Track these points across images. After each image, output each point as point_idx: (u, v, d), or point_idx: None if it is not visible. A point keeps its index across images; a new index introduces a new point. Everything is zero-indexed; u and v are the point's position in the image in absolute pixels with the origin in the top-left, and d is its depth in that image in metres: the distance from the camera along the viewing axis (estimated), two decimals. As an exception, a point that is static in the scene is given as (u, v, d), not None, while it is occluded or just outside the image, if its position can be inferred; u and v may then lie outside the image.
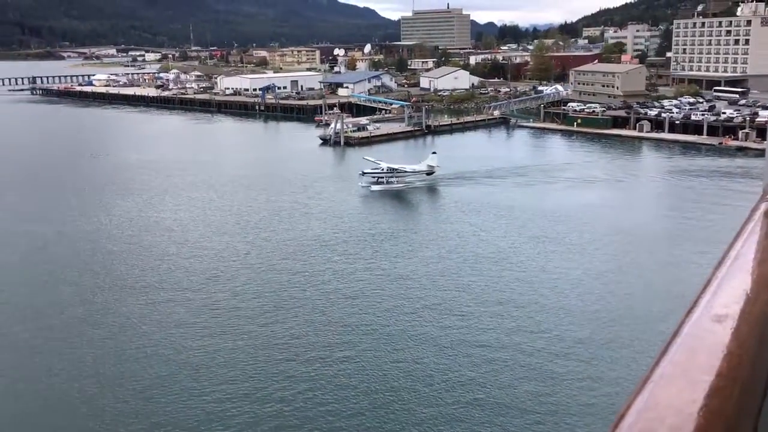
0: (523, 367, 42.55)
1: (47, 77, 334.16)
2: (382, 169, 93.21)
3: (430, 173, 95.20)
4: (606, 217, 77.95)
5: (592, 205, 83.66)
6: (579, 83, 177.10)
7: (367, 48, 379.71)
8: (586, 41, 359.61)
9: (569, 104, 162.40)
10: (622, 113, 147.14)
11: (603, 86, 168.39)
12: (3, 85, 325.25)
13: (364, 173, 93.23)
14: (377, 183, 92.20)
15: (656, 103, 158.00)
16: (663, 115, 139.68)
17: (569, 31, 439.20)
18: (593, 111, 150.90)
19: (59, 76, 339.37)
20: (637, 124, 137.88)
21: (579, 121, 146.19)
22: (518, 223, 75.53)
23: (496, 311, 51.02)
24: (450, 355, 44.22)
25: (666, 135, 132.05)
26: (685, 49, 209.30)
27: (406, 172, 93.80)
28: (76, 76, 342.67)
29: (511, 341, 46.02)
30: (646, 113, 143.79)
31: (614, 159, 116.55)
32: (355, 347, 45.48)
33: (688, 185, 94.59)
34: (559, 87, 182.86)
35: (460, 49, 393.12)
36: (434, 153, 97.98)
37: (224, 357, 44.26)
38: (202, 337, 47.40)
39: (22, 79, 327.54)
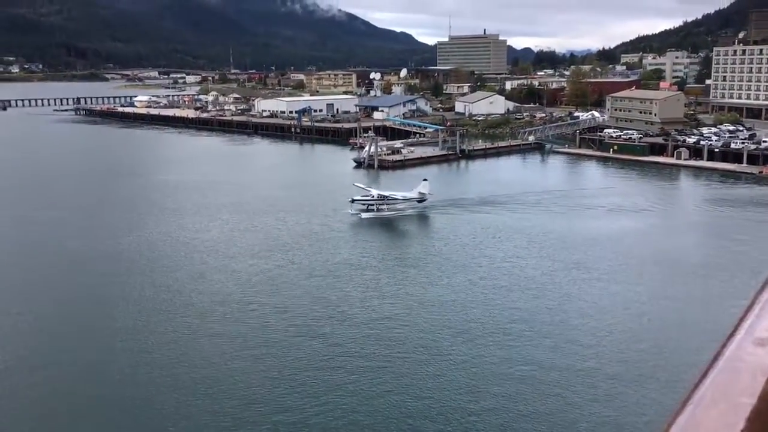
0: (551, 397, 41.86)
1: (91, 98, 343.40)
2: (373, 196, 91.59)
3: (421, 200, 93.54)
4: (641, 245, 76.74)
5: (627, 232, 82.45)
6: (616, 109, 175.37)
7: (403, 72, 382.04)
8: (624, 67, 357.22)
9: (605, 130, 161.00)
10: (659, 140, 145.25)
11: (640, 113, 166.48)
12: (49, 105, 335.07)
13: (354, 200, 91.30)
14: (367, 210, 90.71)
15: (695, 131, 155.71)
16: (702, 142, 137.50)
17: (607, 57, 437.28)
18: (630, 138, 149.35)
19: (102, 97, 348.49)
20: (675, 152, 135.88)
21: (615, 147, 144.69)
22: (551, 249, 74.71)
23: (525, 339, 50.34)
24: (478, 378, 43.71)
25: (705, 163, 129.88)
26: (725, 77, 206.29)
27: (396, 199, 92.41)
28: (119, 97, 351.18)
29: (540, 372, 45.32)
30: (684, 140, 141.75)
31: (651, 186, 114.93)
32: (388, 372, 45.24)
33: (726, 214, 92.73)
34: (596, 113, 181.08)
35: (496, 74, 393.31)
36: (425, 180, 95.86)
37: (258, 371, 44.43)
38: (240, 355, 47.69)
39: (67, 99, 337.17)
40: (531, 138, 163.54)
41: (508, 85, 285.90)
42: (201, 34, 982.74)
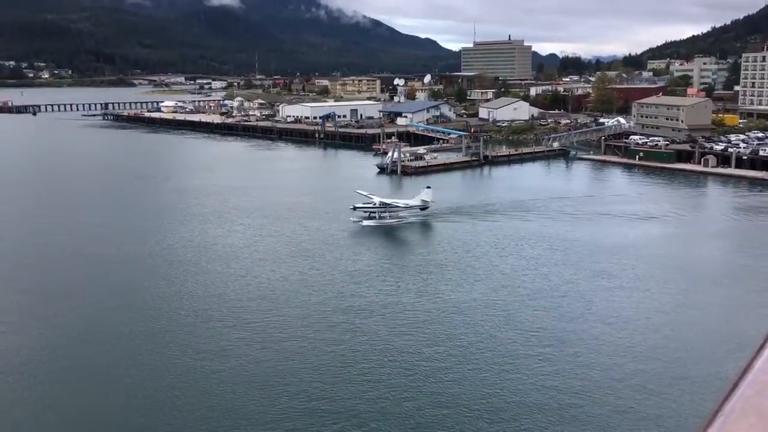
0: (570, 408, 41.32)
1: (118, 103, 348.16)
2: (375, 204, 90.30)
3: (424, 208, 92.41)
4: (666, 253, 75.71)
5: (651, 240, 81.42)
6: (642, 116, 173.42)
7: (427, 78, 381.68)
8: (651, 74, 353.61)
9: (631, 137, 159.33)
10: (686, 147, 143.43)
11: (667, 119, 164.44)
12: (78, 110, 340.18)
13: (355, 208, 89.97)
14: (369, 218, 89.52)
15: (723, 138, 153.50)
16: (730, 150, 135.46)
17: (633, 63, 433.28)
18: (656, 144, 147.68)
19: (129, 103, 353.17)
20: (702, 159, 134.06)
21: (641, 154, 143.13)
22: (574, 257, 73.98)
23: (547, 348, 49.80)
24: (498, 387, 43.31)
25: (733, 170, 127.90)
26: (753, 83, 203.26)
27: (398, 207, 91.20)
28: (146, 102, 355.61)
29: (562, 382, 44.80)
30: (711, 147, 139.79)
31: (677, 194, 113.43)
32: (409, 380, 45.03)
33: (754, 223, 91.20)
34: (621, 119, 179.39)
35: (520, 80, 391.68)
36: (428, 187, 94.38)
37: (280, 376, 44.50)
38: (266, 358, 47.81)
39: (95, 104, 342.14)
40: (555, 144, 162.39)
41: (533, 91, 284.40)
42: (227, 40, 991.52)
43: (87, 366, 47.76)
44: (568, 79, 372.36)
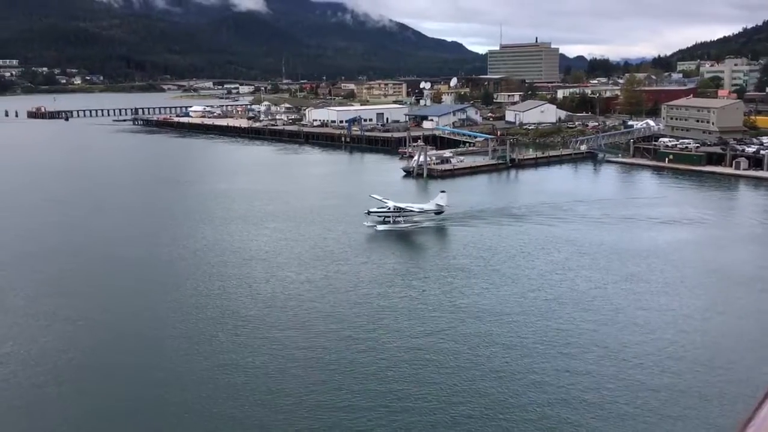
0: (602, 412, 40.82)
1: (148, 108, 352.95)
2: (389, 208, 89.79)
3: (439, 213, 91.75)
4: (696, 257, 74.58)
5: (681, 244, 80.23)
6: (672, 118, 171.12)
7: (453, 81, 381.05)
8: (681, 75, 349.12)
9: (661, 140, 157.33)
10: (717, 150, 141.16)
11: (697, 121, 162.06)
12: (108, 115, 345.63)
13: (369, 212, 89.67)
14: (383, 222, 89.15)
15: (755, 140, 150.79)
16: (762, 152, 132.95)
17: (663, 65, 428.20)
18: (686, 147, 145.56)
19: (159, 108, 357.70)
20: (734, 162, 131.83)
21: (671, 157, 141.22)
22: (602, 261, 73.15)
23: (575, 354, 49.29)
24: (525, 392, 42.97)
25: (765, 173, 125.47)
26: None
27: (413, 211, 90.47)
28: (175, 107, 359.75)
29: (589, 388, 44.30)
30: (743, 150, 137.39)
31: (707, 197, 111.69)
32: (435, 385, 44.90)
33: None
34: (651, 122, 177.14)
35: (547, 82, 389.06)
36: (443, 192, 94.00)
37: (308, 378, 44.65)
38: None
39: (126, 110, 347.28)
40: (583, 147, 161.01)
41: (560, 94, 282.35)
42: (254, 45, 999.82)
43: (115, 366, 48.37)
44: (595, 82, 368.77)
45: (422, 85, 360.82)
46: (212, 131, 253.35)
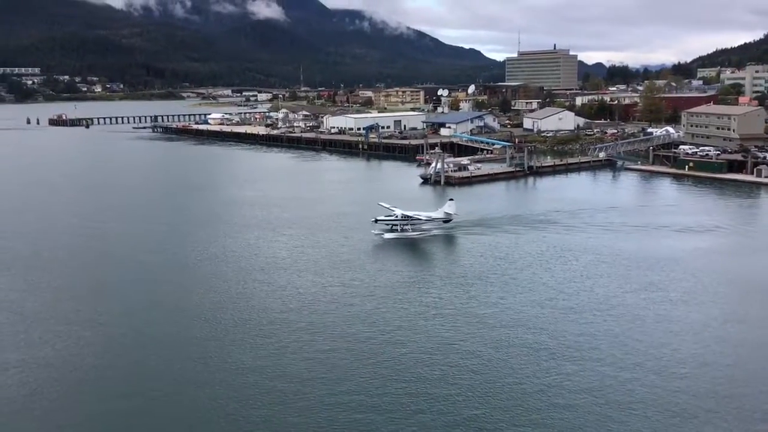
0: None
1: (167, 116, 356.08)
2: (397, 216, 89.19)
3: (447, 221, 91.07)
4: (716, 265, 73.63)
5: (701, 252, 79.24)
6: (692, 125, 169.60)
7: (471, 88, 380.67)
8: (701, 82, 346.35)
9: (681, 147, 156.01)
10: (738, 157, 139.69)
11: (718, 129, 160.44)
12: (128, 123, 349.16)
13: (377, 220, 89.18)
14: (391, 231, 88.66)
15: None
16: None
17: (683, 71, 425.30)
18: (707, 154, 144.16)
19: (178, 115, 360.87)
20: (755, 169, 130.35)
21: (691, 164, 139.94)
22: (621, 269, 72.44)
23: (593, 364, 48.76)
24: (543, 402, 42.56)
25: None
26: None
27: (421, 219, 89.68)
28: (193, 114, 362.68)
29: (607, 400, 43.80)
30: (764, 157, 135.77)
31: (728, 205, 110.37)
32: (454, 395, 44.64)
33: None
34: (670, 129, 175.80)
35: (566, 89, 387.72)
36: (451, 200, 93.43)
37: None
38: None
39: (145, 117, 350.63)
40: (602, 155, 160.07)
41: (579, 101, 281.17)
42: (272, 53, 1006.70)
43: (133, 369, 48.62)
44: (614, 89, 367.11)
45: (440, 92, 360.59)
46: (230, 138, 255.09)
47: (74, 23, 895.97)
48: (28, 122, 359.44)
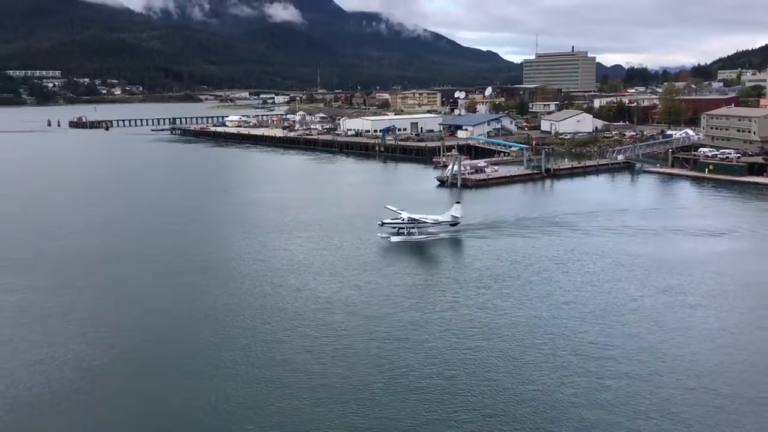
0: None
1: (185, 118, 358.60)
2: (403, 219, 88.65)
3: (454, 224, 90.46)
4: (736, 270, 72.61)
5: (721, 256, 78.26)
6: (712, 127, 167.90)
7: (488, 91, 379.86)
8: (721, 84, 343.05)
9: (700, 149, 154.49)
10: (759, 160, 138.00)
11: (738, 131, 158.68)
12: (147, 125, 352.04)
13: (383, 223, 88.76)
14: (397, 234, 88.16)
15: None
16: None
17: (702, 73, 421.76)
18: (727, 157, 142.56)
19: (196, 118, 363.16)
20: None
21: (711, 167, 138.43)
22: (639, 273, 71.71)
23: (612, 370, 48.28)
24: (560, 406, 42.19)
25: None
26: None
27: (427, 222, 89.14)
28: (211, 117, 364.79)
29: (625, 405, 43.34)
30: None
31: (749, 208, 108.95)
32: (472, 398, 44.40)
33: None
34: (690, 131, 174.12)
35: (584, 92, 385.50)
36: (458, 203, 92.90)
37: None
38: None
39: (164, 119, 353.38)
40: (620, 157, 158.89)
41: (597, 103, 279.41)
42: (290, 55, 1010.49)
43: (151, 369, 48.87)
44: (633, 91, 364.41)
45: (457, 94, 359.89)
46: (248, 140, 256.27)
47: (94, 27, 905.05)
48: (49, 124, 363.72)
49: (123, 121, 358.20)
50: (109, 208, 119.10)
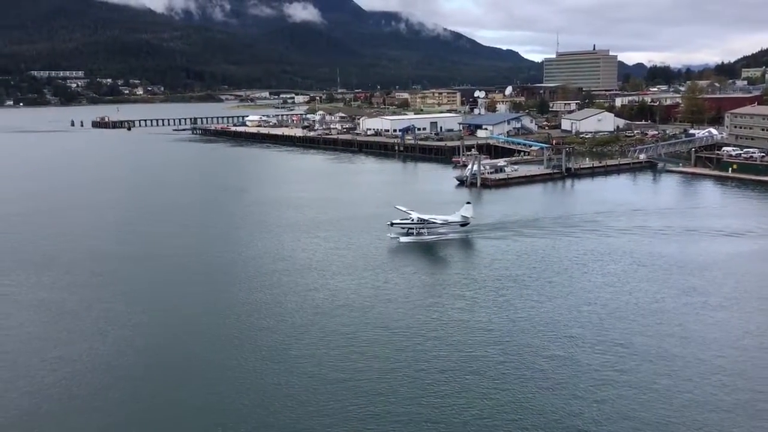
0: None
1: (206, 118, 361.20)
2: (412, 220, 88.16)
3: (464, 224, 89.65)
4: (759, 271, 71.57)
5: (744, 257, 77.08)
6: (736, 126, 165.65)
7: (508, 90, 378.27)
8: (745, 82, 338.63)
9: (724, 148, 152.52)
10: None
11: (762, 130, 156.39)
12: (169, 125, 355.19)
13: (392, 224, 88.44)
14: (407, 234, 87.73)
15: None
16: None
17: (726, 72, 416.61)
18: (751, 156, 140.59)
19: (216, 117, 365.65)
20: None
21: (735, 166, 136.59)
22: (661, 273, 70.94)
23: (628, 367, 47.81)
24: (575, 408, 41.84)
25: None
26: None
27: (437, 223, 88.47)
28: (232, 117, 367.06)
29: (644, 407, 42.87)
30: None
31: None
32: (492, 399, 44.21)
33: None
34: (713, 130, 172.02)
35: (605, 90, 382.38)
36: (468, 203, 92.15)
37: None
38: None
39: (185, 119, 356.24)
40: (642, 156, 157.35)
41: (618, 102, 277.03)
42: (310, 55, 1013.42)
43: (170, 367, 49.22)
44: (655, 89, 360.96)
45: (476, 93, 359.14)
46: (268, 140, 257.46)
47: (117, 27, 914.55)
48: (72, 124, 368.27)
49: (145, 121, 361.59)
50: (129, 206, 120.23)
